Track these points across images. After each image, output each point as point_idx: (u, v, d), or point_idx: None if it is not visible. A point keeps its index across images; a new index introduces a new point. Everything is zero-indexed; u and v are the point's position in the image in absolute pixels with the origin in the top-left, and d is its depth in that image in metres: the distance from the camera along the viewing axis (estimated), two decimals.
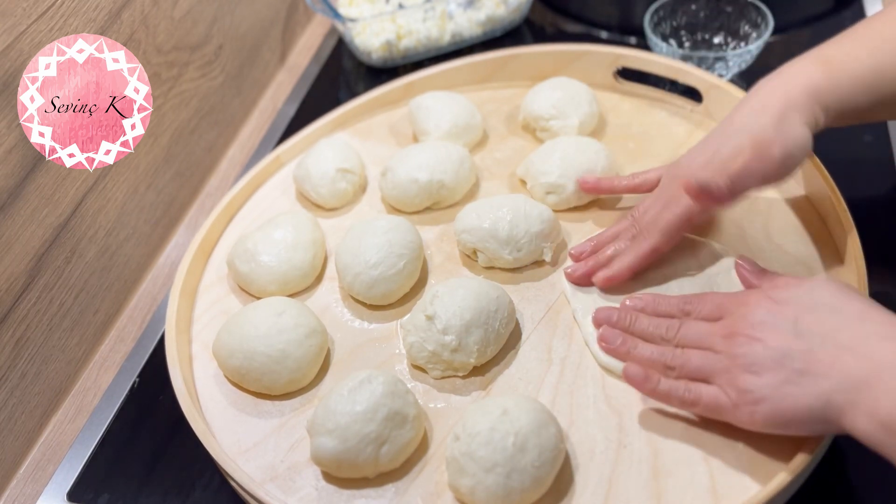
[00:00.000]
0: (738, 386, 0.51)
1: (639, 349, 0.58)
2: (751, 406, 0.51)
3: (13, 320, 0.65)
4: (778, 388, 0.49)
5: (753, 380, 0.51)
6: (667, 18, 0.91)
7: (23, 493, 0.66)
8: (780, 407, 0.50)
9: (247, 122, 0.98)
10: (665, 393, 0.55)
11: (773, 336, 0.51)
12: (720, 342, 0.54)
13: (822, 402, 0.48)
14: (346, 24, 0.95)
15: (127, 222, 0.78)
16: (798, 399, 0.49)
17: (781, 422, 0.50)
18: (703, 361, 0.54)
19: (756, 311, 0.53)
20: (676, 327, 0.58)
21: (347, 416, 0.55)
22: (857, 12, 0.96)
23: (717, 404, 0.53)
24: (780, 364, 0.50)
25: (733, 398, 0.52)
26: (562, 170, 0.72)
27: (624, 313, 0.61)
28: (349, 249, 0.68)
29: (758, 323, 0.52)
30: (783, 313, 0.52)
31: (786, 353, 0.50)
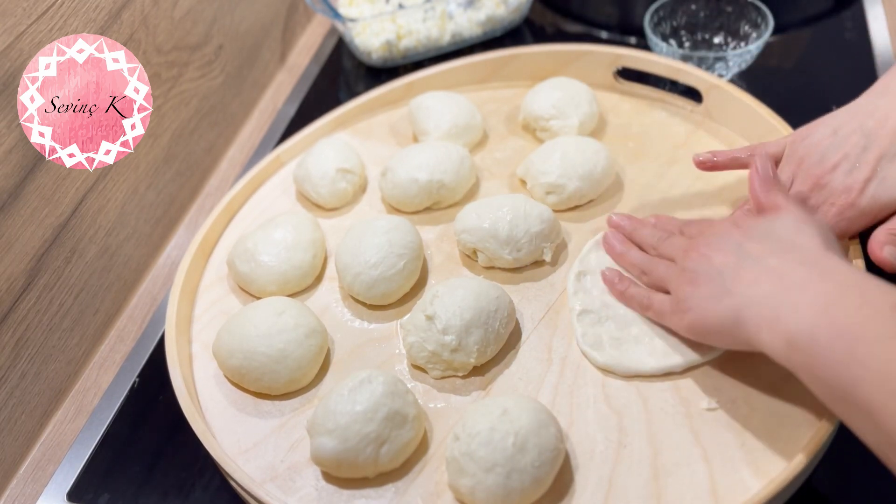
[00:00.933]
0: (678, 294, 0.57)
1: (629, 253, 0.65)
2: (680, 314, 0.56)
3: (13, 320, 0.65)
4: (704, 300, 0.54)
5: (690, 290, 0.55)
6: (667, 18, 0.91)
7: (23, 493, 0.66)
8: (700, 317, 0.54)
9: (247, 122, 0.98)
10: (630, 296, 0.62)
11: (719, 254, 0.54)
12: (680, 255, 0.59)
13: (732, 315, 0.51)
14: (346, 24, 0.95)
15: (127, 222, 0.78)
16: (715, 311, 0.52)
17: (700, 331, 0.55)
18: (665, 270, 0.60)
19: (715, 231, 0.57)
20: (664, 238, 0.63)
21: (347, 416, 0.55)
22: (857, 12, 0.96)
23: (661, 309, 0.59)
24: (712, 279, 0.53)
25: (672, 305, 0.57)
26: (562, 170, 0.72)
27: (633, 222, 0.68)
28: (349, 249, 0.68)
29: (713, 241, 0.56)
30: (734, 237, 0.55)
31: (721, 271, 0.53)
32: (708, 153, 0.69)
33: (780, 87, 0.88)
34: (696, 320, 0.55)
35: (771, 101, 0.76)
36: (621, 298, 0.63)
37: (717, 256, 0.54)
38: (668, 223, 0.66)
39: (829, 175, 0.60)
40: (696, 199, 0.73)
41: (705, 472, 0.54)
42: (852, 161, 0.60)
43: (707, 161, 0.69)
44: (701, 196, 0.73)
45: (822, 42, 0.94)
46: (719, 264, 0.54)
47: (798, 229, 0.53)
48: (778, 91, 0.87)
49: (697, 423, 0.57)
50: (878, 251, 0.58)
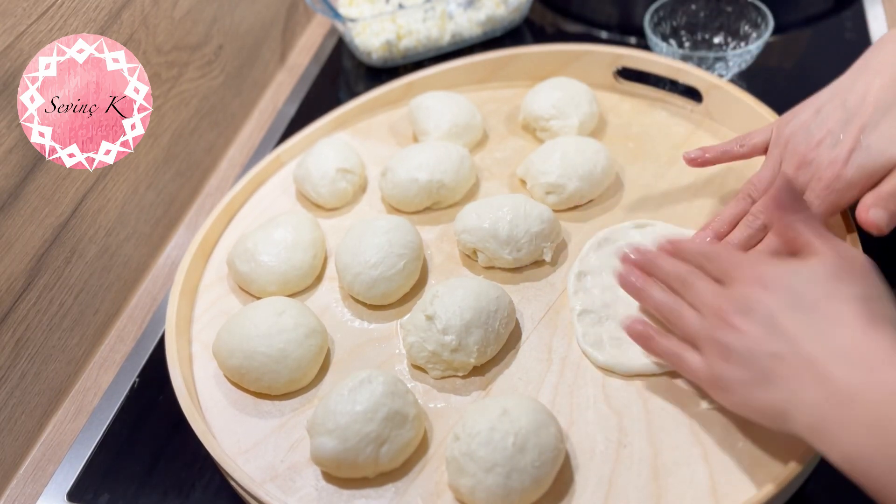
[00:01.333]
0: (712, 368, 0.52)
1: (650, 292, 0.58)
2: (718, 391, 0.52)
3: (13, 320, 0.65)
4: (742, 385, 0.50)
5: (724, 368, 0.51)
6: (667, 18, 0.91)
7: (23, 493, 0.66)
8: (744, 403, 0.51)
9: (247, 122, 0.98)
10: (659, 351, 0.57)
11: (751, 329, 0.50)
12: (710, 316, 0.53)
13: (774, 412, 0.49)
14: (346, 24, 0.95)
15: (127, 222, 0.78)
16: (757, 401, 0.50)
17: (746, 415, 0.51)
18: (693, 327, 0.54)
19: (745, 294, 0.51)
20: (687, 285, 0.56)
21: (347, 416, 0.55)
22: (857, 12, 0.96)
23: (697, 377, 0.54)
24: (748, 361, 0.50)
25: (706, 375, 0.53)
26: (562, 170, 0.72)
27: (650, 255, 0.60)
28: (349, 249, 0.68)
29: (743, 309, 0.51)
30: (766, 305, 0.50)
31: (755, 353, 0.50)
32: (698, 150, 0.68)
33: (780, 87, 0.88)
34: (737, 405, 0.51)
35: (771, 101, 0.76)
36: (649, 350, 0.58)
37: (747, 330, 0.50)
38: (687, 251, 0.58)
39: (814, 151, 0.60)
40: (696, 198, 0.73)
41: (705, 472, 0.54)
42: (836, 135, 0.59)
43: (698, 158, 0.68)
44: (701, 196, 0.73)
45: (822, 42, 0.94)
46: (752, 344, 0.50)
47: (835, 290, 0.49)
48: (778, 91, 0.87)
49: (697, 423, 0.57)
50: (865, 214, 0.57)
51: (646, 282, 0.59)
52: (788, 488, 0.53)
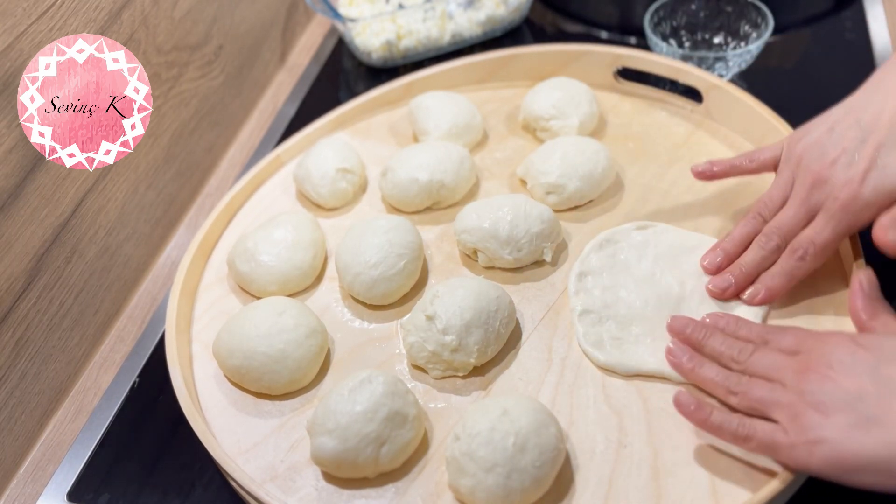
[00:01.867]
0: (800, 423, 0.48)
1: (704, 369, 0.56)
2: (810, 446, 0.48)
3: (13, 320, 0.65)
4: (843, 431, 0.46)
5: (819, 419, 0.47)
6: (667, 18, 0.91)
7: (23, 493, 0.66)
8: (842, 451, 0.46)
9: (247, 122, 0.98)
10: (717, 425, 0.53)
11: (849, 378, 0.48)
12: (791, 376, 0.51)
13: (889, 451, 0.45)
14: (346, 24, 0.95)
15: (127, 222, 0.78)
16: (864, 446, 0.46)
17: (841, 467, 0.47)
18: (768, 393, 0.51)
19: (836, 351, 0.50)
20: (749, 351, 0.54)
21: (347, 416, 0.55)
22: (857, 12, 0.96)
23: (773, 440, 0.50)
24: (850, 406, 0.47)
25: (791, 436, 0.49)
26: (562, 170, 0.72)
27: (700, 328, 0.58)
28: (349, 249, 0.68)
29: (836, 362, 0.49)
30: (864, 358, 0.48)
31: (859, 397, 0.47)
32: (706, 163, 0.68)
33: (780, 87, 0.88)
34: (834, 454, 0.47)
35: (771, 101, 0.76)
36: (705, 427, 0.53)
37: (846, 379, 0.48)
38: (741, 329, 0.57)
39: (828, 170, 0.59)
40: (697, 199, 0.73)
41: (705, 472, 0.54)
42: (851, 154, 0.58)
43: (706, 171, 0.67)
44: (701, 196, 0.73)
45: (822, 42, 0.94)
46: (854, 389, 0.47)
47: None
48: (778, 91, 0.87)
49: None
50: (883, 235, 0.55)
51: (697, 359, 0.57)
52: (788, 488, 0.53)
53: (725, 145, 0.77)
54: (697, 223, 0.70)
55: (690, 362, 0.57)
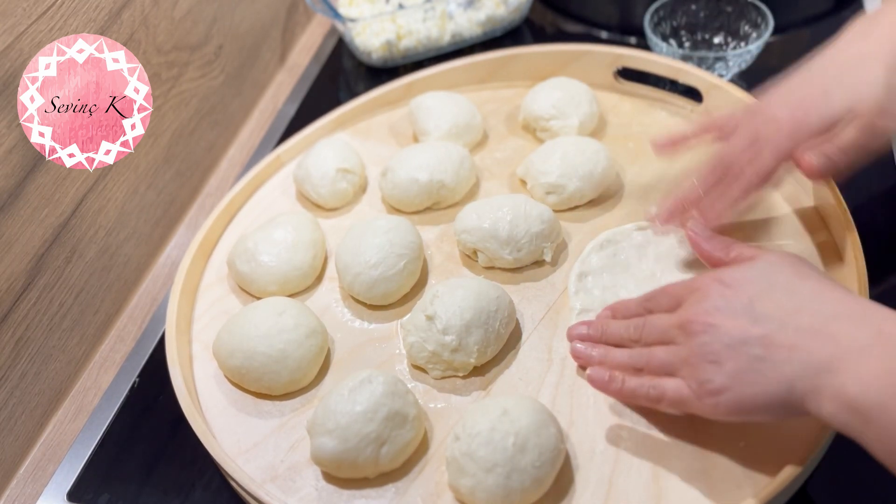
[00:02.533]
0: (698, 377, 0.50)
1: (611, 356, 0.58)
2: (713, 397, 0.50)
3: (13, 320, 0.65)
4: (738, 377, 0.48)
5: (713, 369, 0.49)
6: (667, 18, 0.91)
7: (23, 493, 0.66)
8: (743, 396, 0.48)
9: (247, 122, 0.98)
10: (631, 392, 0.55)
11: (729, 322, 0.49)
12: (679, 334, 0.53)
13: (784, 388, 0.47)
14: (346, 24, 0.95)
15: (127, 222, 0.78)
16: (760, 387, 0.48)
17: (744, 410, 0.49)
18: (666, 356, 0.53)
19: (708, 297, 0.51)
20: (641, 326, 0.56)
21: (347, 416, 0.55)
22: (857, 12, 0.96)
23: (681, 397, 0.52)
24: (737, 351, 0.48)
25: (695, 389, 0.51)
26: (562, 170, 0.72)
27: (596, 324, 0.60)
28: (349, 249, 0.68)
29: (712, 309, 0.50)
30: (737, 297, 0.50)
31: (743, 340, 0.48)
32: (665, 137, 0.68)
33: None
34: (736, 401, 0.49)
35: None
36: (619, 396, 0.57)
37: (727, 324, 0.49)
38: (628, 308, 0.60)
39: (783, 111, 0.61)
40: None
41: (705, 472, 0.54)
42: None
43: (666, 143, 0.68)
44: None
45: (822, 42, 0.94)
46: (737, 333, 0.49)
47: (797, 273, 0.50)
48: None
49: (697, 424, 0.57)
50: (801, 156, 0.58)
51: (602, 349, 0.59)
52: (788, 489, 0.52)
53: None
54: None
55: (599, 355, 0.58)
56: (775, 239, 0.68)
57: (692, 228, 0.61)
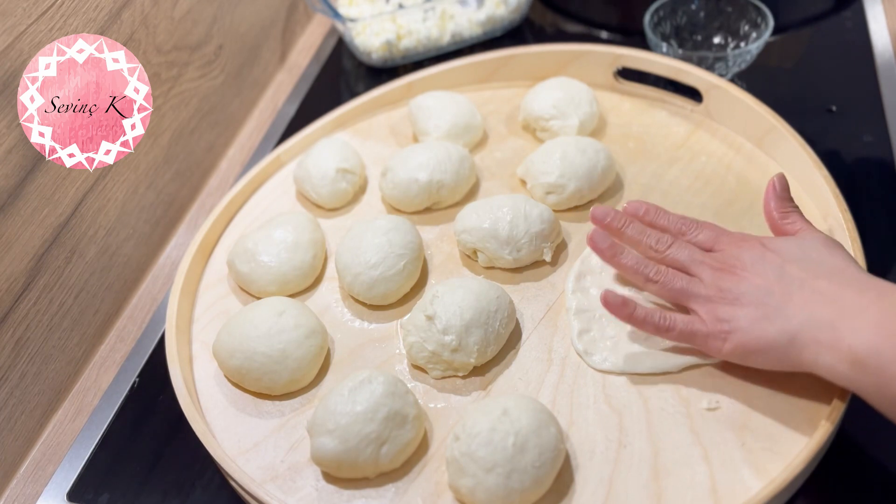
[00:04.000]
0: (717, 315, 0.55)
1: (624, 256, 0.60)
2: (724, 334, 0.54)
3: (13, 320, 0.65)
4: (752, 322, 0.53)
5: (732, 311, 0.54)
6: (667, 18, 0.91)
7: (23, 493, 0.66)
8: (749, 337, 0.53)
9: (247, 122, 0.98)
10: (641, 318, 0.57)
11: (759, 277, 0.55)
12: (709, 273, 0.57)
13: (786, 337, 0.52)
14: (346, 24, 0.95)
15: (127, 222, 0.78)
16: (766, 332, 0.52)
17: (747, 350, 0.54)
18: (687, 285, 0.57)
19: (748, 253, 0.56)
20: (668, 242, 0.60)
21: (347, 417, 0.55)
22: (857, 12, 0.96)
23: (692, 331, 0.56)
24: (759, 301, 0.53)
25: (709, 326, 0.55)
26: (562, 170, 0.72)
27: (620, 217, 0.62)
28: (349, 249, 0.68)
29: (748, 263, 0.56)
30: (772, 259, 0.55)
31: (767, 292, 0.54)
32: None
33: (780, 87, 0.88)
34: (743, 341, 0.54)
35: (771, 101, 0.76)
36: (630, 321, 0.58)
37: (757, 278, 0.55)
38: (659, 218, 0.62)
39: None
40: (696, 199, 0.73)
41: (705, 472, 0.54)
42: None
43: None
44: (701, 196, 0.73)
45: (822, 42, 0.94)
46: (763, 286, 0.54)
47: (830, 252, 0.55)
48: (778, 91, 0.87)
49: (697, 423, 0.57)
50: None
51: (618, 246, 0.61)
52: (788, 488, 0.53)
53: (725, 145, 0.77)
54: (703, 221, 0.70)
55: (611, 249, 0.61)
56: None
57: (775, 182, 0.61)
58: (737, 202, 0.72)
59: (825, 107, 0.84)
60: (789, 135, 0.72)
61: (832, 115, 0.84)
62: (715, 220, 0.70)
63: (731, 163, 0.75)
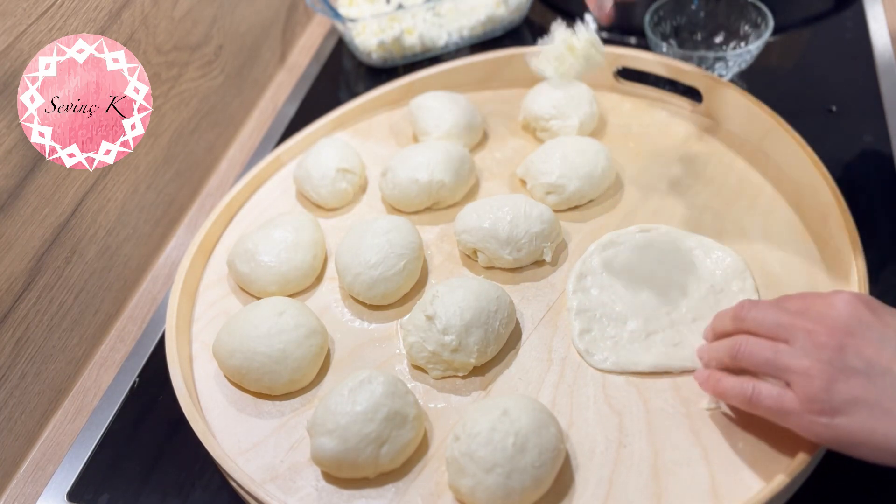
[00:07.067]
0: (821, 389, 0.46)
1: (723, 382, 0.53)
2: (826, 416, 0.45)
3: (13, 320, 0.65)
4: (867, 406, 0.44)
5: (839, 388, 0.45)
6: (667, 18, 0.91)
7: (23, 493, 0.66)
8: (864, 428, 0.44)
9: (247, 122, 0.98)
10: (725, 389, 0.52)
11: (869, 347, 0.45)
12: (807, 343, 0.47)
13: (890, 441, 0.44)
14: (346, 24, 0.95)
15: (127, 222, 0.78)
16: (888, 426, 0.43)
17: (856, 442, 0.45)
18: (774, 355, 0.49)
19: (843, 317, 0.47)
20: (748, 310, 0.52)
21: (347, 417, 0.55)
22: (857, 12, 0.96)
23: (782, 406, 0.48)
24: (873, 378, 0.44)
25: (803, 403, 0.46)
26: (562, 170, 0.72)
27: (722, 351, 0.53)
28: (349, 249, 0.68)
29: (858, 333, 0.45)
30: (878, 322, 0.46)
31: (885, 369, 0.44)
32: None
33: (780, 87, 0.88)
34: (853, 429, 0.45)
35: (771, 101, 0.76)
36: (715, 393, 0.53)
37: (866, 348, 0.45)
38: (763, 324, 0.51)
39: None
40: (696, 199, 0.73)
41: (705, 472, 0.54)
42: None
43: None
44: (701, 196, 0.73)
45: (822, 42, 0.94)
46: (877, 359, 0.44)
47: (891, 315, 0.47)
48: (778, 91, 0.87)
49: (697, 423, 0.57)
50: None
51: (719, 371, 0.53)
52: (788, 488, 0.53)
53: (725, 145, 0.77)
54: (698, 223, 0.70)
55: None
56: (775, 239, 0.68)
57: None
58: (737, 202, 0.72)
59: (825, 107, 0.84)
60: (789, 135, 0.72)
61: (832, 115, 0.84)
62: (715, 220, 0.70)
63: (731, 163, 0.75)
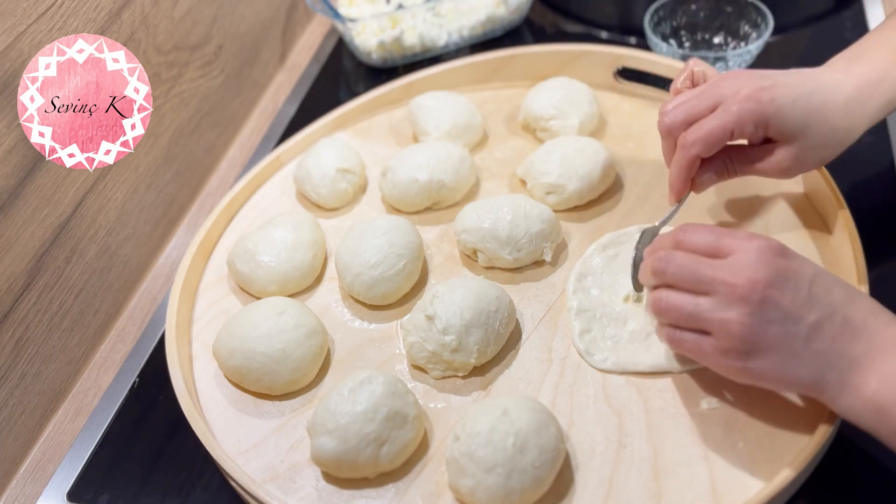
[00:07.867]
0: (739, 334, 0.49)
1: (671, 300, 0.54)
2: (740, 359, 0.50)
3: (13, 320, 0.65)
4: (777, 352, 0.49)
5: (754, 337, 0.49)
6: (667, 18, 0.91)
7: (23, 493, 0.66)
8: (771, 369, 0.49)
9: (247, 122, 0.98)
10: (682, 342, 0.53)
11: (787, 298, 0.49)
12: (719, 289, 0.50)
13: (815, 374, 0.49)
14: (346, 24, 0.95)
15: (127, 222, 0.78)
16: (793, 367, 0.49)
17: (767, 379, 0.50)
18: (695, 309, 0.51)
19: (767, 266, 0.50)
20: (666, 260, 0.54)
21: (347, 417, 0.55)
22: (857, 12, 0.96)
23: (701, 351, 0.51)
24: (786, 329, 0.49)
25: (722, 347, 0.50)
26: (562, 170, 0.72)
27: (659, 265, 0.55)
28: (349, 249, 0.68)
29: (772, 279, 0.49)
30: (798, 273, 0.50)
31: (796, 320, 0.49)
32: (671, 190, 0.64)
33: None
34: (763, 370, 0.50)
35: None
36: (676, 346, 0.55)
37: (784, 301, 0.49)
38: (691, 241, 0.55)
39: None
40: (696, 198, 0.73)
41: (705, 472, 0.54)
42: None
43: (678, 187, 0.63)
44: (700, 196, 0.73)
45: (822, 42, 0.94)
46: (792, 311, 0.49)
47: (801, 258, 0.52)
48: None
49: (697, 423, 0.57)
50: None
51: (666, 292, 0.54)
52: (788, 488, 0.53)
53: None
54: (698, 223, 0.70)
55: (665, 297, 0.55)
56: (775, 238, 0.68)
57: None
58: (738, 202, 0.72)
59: None
60: None
61: None
62: (714, 220, 0.70)
63: None
